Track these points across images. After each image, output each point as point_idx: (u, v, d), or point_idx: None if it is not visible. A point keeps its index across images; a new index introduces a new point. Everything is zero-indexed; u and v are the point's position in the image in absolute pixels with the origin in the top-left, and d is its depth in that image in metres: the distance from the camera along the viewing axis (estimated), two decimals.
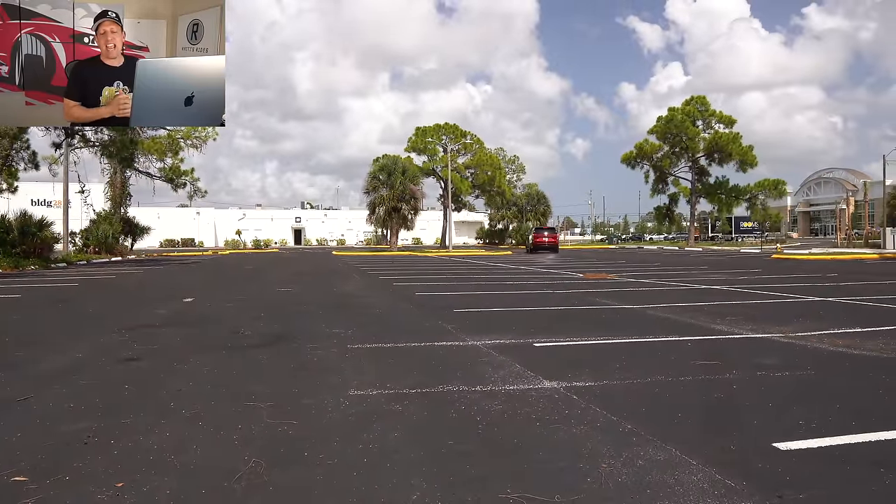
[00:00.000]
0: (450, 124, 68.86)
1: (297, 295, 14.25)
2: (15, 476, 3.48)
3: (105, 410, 4.81)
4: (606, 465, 3.64)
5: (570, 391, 5.31)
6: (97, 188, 46.96)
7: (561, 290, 14.90)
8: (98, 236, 40.09)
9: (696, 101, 63.75)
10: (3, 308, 12.32)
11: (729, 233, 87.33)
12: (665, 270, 22.83)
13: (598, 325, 9.29)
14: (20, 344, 7.85)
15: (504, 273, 22.07)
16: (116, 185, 46.40)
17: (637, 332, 8.47)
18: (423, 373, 6.04)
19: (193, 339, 8.11)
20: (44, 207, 48.95)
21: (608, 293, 13.99)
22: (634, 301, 12.24)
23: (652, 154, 65.23)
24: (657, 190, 67.06)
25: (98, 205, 44.01)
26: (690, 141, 62.39)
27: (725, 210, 69.31)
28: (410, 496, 3.22)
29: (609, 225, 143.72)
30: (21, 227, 29.53)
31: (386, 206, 53.14)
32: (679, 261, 31.36)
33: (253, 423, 4.44)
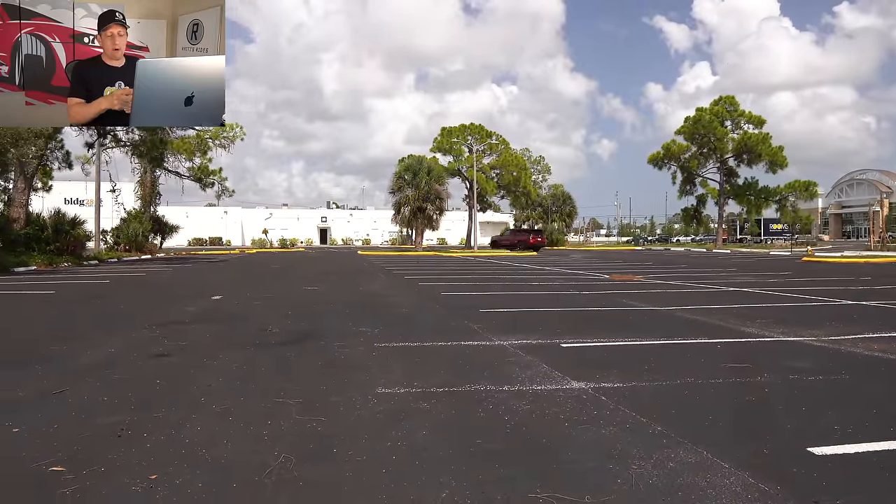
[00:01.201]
0: (475, 125, 68.78)
1: (324, 294, 14.34)
2: (53, 466, 3.55)
3: (138, 404, 4.88)
4: (636, 466, 3.61)
5: (599, 392, 5.27)
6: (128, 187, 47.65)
7: (587, 291, 14.81)
8: (128, 234, 40.68)
9: (724, 102, 62.95)
10: (39, 304, 12.57)
11: (758, 235, 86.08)
12: (692, 272, 22.58)
13: (626, 326, 9.21)
14: (55, 339, 7.99)
15: (529, 274, 22.00)
16: (146, 184, 47.06)
17: (665, 333, 8.39)
18: (450, 372, 6.04)
19: (222, 336, 8.19)
20: (76, 206, 49.90)
21: (635, 294, 13.88)
22: (662, 303, 12.12)
23: (679, 155, 64.55)
24: (684, 191, 66.33)
25: (128, 203, 44.67)
26: (719, 141, 61.61)
27: (754, 212, 68.33)
28: (440, 494, 3.23)
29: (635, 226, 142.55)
30: (55, 225, 30.09)
31: (411, 206, 53.20)
32: (707, 263, 30.99)
33: (282, 420, 4.48)
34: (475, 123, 68.78)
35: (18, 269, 23.37)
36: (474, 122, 68.86)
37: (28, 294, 14.54)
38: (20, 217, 29.55)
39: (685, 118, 63.82)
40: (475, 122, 68.92)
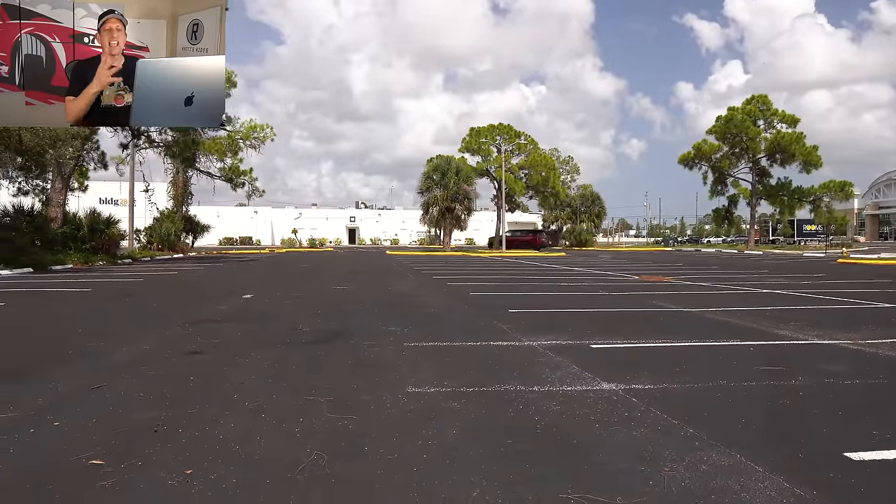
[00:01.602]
0: (504, 125, 68.65)
1: (353, 293, 14.43)
2: (92, 460, 3.64)
3: (172, 400, 4.97)
4: (668, 468, 3.58)
5: (629, 393, 5.24)
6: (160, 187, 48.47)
7: (616, 292, 14.70)
8: (161, 234, 41.36)
9: (757, 100, 61.96)
10: (76, 301, 12.84)
11: (791, 236, 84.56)
12: (724, 274, 22.28)
13: (656, 327, 9.12)
14: (92, 335, 8.17)
15: (558, 274, 21.89)
16: (179, 184, 47.80)
17: (696, 335, 8.30)
18: (480, 372, 6.05)
19: (254, 335, 8.30)
20: (111, 206, 50.85)
21: (665, 296, 13.74)
22: (692, 304, 11.99)
23: (710, 154, 63.70)
24: (716, 191, 65.46)
25: (161, 203, 45.43)
26: (751, 141, 60.67)
27: (787, 212, 67.13)
28: (470, 493, 3.24)
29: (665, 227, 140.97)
30: (91, 225, 30.74)
31: (439, 206, 53.31)
32: (738, 264, 30.56)
33: (314, 417, 4.52)
34: (504, 123, 68.67)
35: (56, 267, 23.91)
36: (503, 122, 68.76)
37: (66, 292, 14.86)
38: (57, 216, 30.21)
39: (716, 117, 63.01)
40: (504, 122, 68.82)
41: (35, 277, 19.71)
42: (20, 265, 21.95)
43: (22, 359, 6.69)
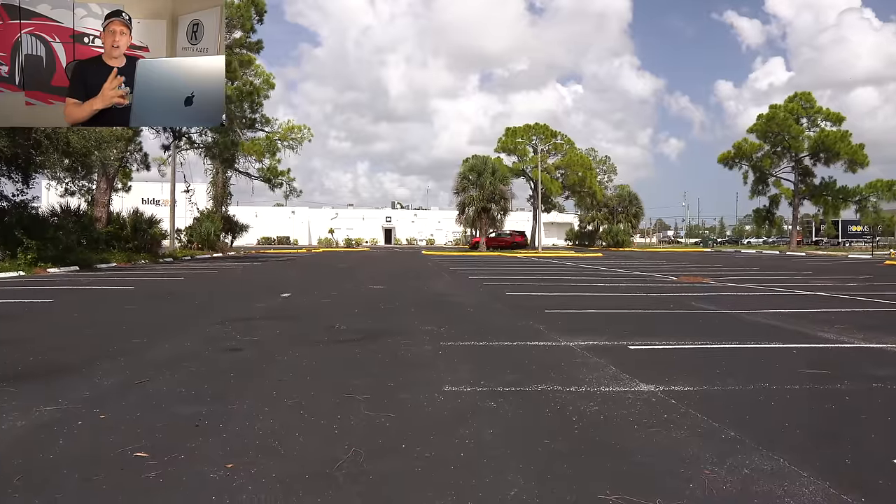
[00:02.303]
0: (540, 124, 68.37)
1: (389, 292, 14.51)
2: (137, 452, 3.72)
3: (213, 396, 5.06)
4: (709, 471, 3.53)
5: (668, 395, 5.17)
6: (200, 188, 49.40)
7: (654, 293, 14.52)
8: (201, 233, 42.11)
9: (800, 98, 60.60)
10: (121, 299, 13.15)
11: (835, 237, 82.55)
12: (765, 275, 21.84)
13: (695, 329, 8.99)
14: (136, 332, 8.35)
15: (595, 275, 21.71)
16: (218, 184, 48.64)
17: (737, 337, 8.16)
18: (517, 372, 6.03)
19: (292, 333, 8.40)
20: (153, 206, 51.99)
21: (704, 297, 13.52)
22: (733, 306, 11.78)
23: (751, 154, 62.51)
24: (756, 191, 64.19)
25: (201, 203, 46.30)
26: (794, 140, 59.37)
27: (831, 213, 65.46)
28: (508, 492, 3.23)
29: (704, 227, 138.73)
30: (133, 224, 31.48)
31: (475, 206, 53.28)
32: (780, 265, 29.92)
33: (351, 414, 4.56)
34: (540, 123, 68.43)
35: (101, 266, 24.53)
36: (539, 122, 68.55)
37: (110, 289, 15.22)
38: (102, 216, 30.98)
39: (758, 116, 61.82)
40: (540, 122, 68.61)
41: (81, 275, 20.24)
42: (67, 263, 22.57)
43: (70, 354, 6.88)
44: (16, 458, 3.65)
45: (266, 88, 41.65)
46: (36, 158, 22.70)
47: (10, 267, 20.05)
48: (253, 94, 38.48)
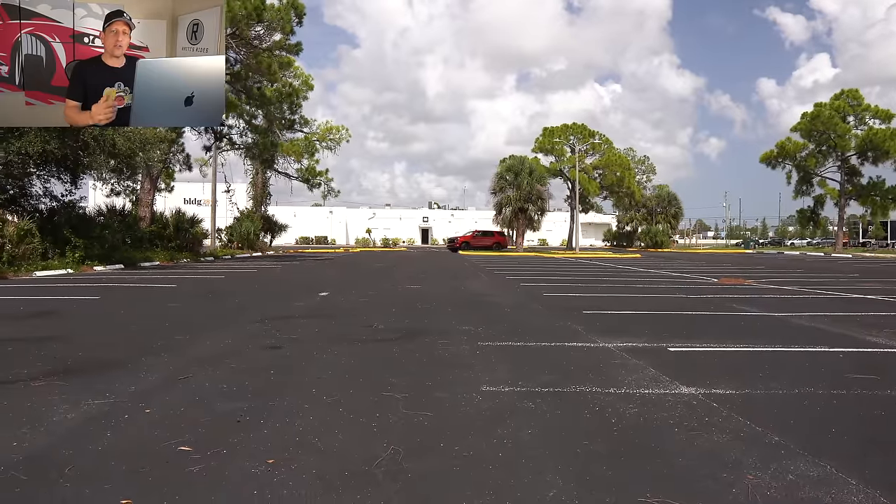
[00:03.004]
0: (578, 124, 67.82)
1: (426, 292, 14.55)
2: (181, 446, 3.81)
3: (254, 392, 5.14)
4: (752, 476, 3.46)
5: (710, 398, 5.09)
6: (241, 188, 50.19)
7: (694, 295, 14.29)
8: (241, 233, 42.81)
9: (846, 95, 58.92)
10: (164, 296, 13.44)
11: (884, 238, 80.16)
12: (809, 277, 21.33)
13: (737, 331, 8.83)
14: (178, 329, 8.53)
15: (632, 276, 21.46)
16: (258, 184, 49.37)
17: (780, 340, 7.99)
18: (555, 372, 6.00)
19: (330, 331, 8.48)
20: (194, 206, 52.94)
21: (746, 299, 13.27)
22: (776, 308, 11.53)
23: (795, 153, 61.00)
24: (800, 191, 62.59)
25: (241, 203, 47.05)
26: (840, 138, 57.75)
27: (880, 213, 63.49)
28: (546, 493, 3.22)
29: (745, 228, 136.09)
30: (176, 224, 32.16)
31: (512, 206, 53.05)
32: (825, 267, 29.19)
33: (390, 413, 4.59)
34: (577, 123, 67.89)
35: (144, 264, 25.09)
36: (576, 122, 68.01)
37: (154, 287, 15.57)
38: (146, 216, 31.68)
39: (802, 114, 60.24)
40: (577, 122, 68.03)
41: (126, 273, 20.74)
42: (112, 261, 23.14)
43: (116, 350, 7.05)
44: (67, 449, 3.76)
45: (305, 90, 42.13)
46: (84, 160, 23.31)
47: (59, 265, 20.64)
48: (292, 96, 38.94)
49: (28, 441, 3.91)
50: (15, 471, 3.42)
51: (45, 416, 4.43)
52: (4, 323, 9.06)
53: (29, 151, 20.59)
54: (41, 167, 23.12)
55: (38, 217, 22.75)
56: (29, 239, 20.16)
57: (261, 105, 35.89)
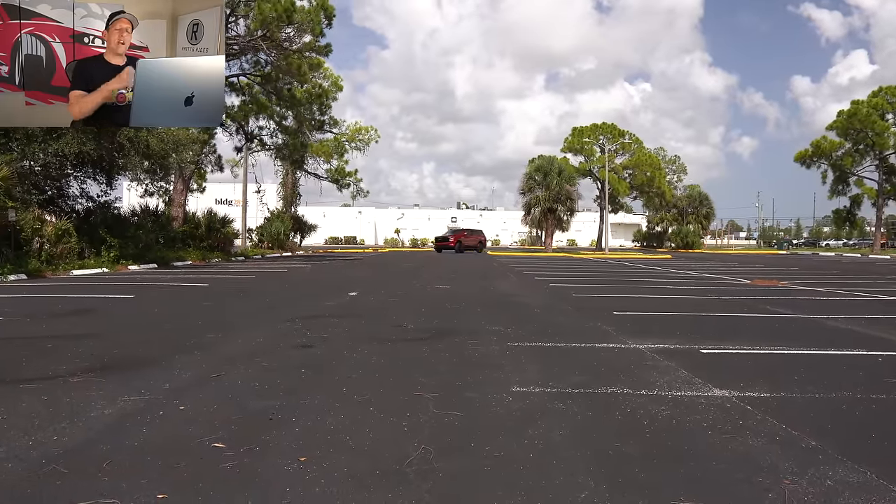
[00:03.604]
0: (607, 124, 67.30)
1: (455, 292, 14.55)
2: (215, 443, 3.86)
3: (285, 391, 5.19)
4: (789, 481, 3.40)
5: (744, 401, 5.01)
6: (271, 188, 50.80)
7: (726, 297, 14.09)
8: (271, 233, 43.26)
9: (885, 92, 57.52)
10: (196, 295, 13.64)
11: None
12: (845, 279, 20.89)
13: (771, 333, 8.68)
14: (211, 327, 8.64)
15: (664, 277, 21.23)
16: (288, 185, 49.89)
17: (816, 343, 7.84)
18: (585, 373, 5.96)
19: (360, 330, 8.52)
20: (226, 206, 53.68)
21: (780, 301, 13.04)
22: (811, 310, 11.31)
23: (831, 152, 59.78)
24: (836, 191, 61.31)
25: (271, 203, 47.57)
26: (878, 137, 56.41)
27: None
28: (578, 494, 3.19)
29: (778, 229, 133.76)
30: (208, 224, 32.63)
31: (541, 206, 52.82)
32: (862, 269, 28.55)
33: (420, 412, 4.60)
34: (607, 123, 67.37)
35: (177, 263, 25.49)
36: (606, 122, 67.50)
37: (186, 286, 15.80)
38: (179, 216, 32.17)
39: (838, 112, 58.99)
40: (607, 122, 67.51)
41: (159, 272, 21.09)
42: (146, 261, 23.55)
43: (151, 347, 7.17)
44: (104, 444, 3.84)
45: (334, 91, 42.42)
46: (119, 161, 23.78)
47: (94, 264, 21.06)
48: (322, 97, 39.25)
49: (68, 435, 4.00)
50: (56, 464, 3.50)
51: (84, 411, 4.52)
52: (44, 320, 9.27)
53: (66, 153, 21.05)
54: (78, 168, 23.64)
55: (75, 217, 23.25)
56: (66, 238, 20.60)
57: (291, 106, 36.23)
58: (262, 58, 32.97)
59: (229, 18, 30.80)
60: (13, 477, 3.33)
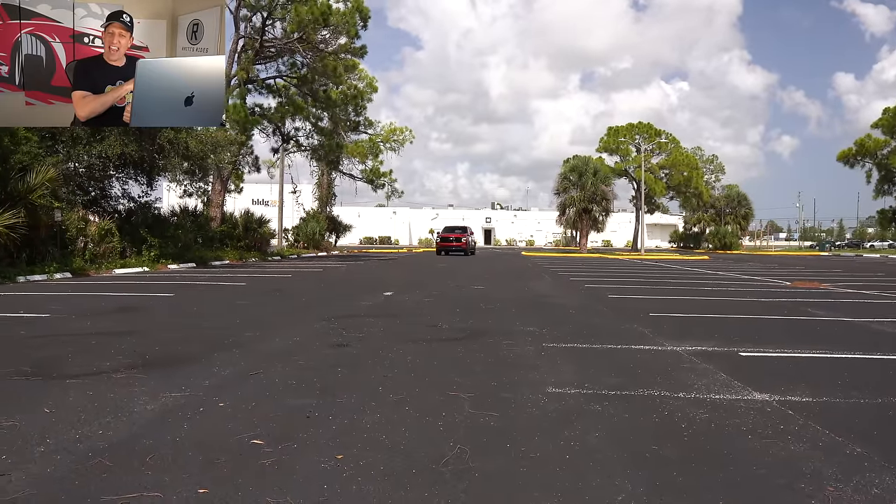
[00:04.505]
0: (643, 123, 66.60)
1: (490, 293, 14.53)
2: (253, 440, 3.92)
3: (322, 389, 5.24)
4: (833, 488, 3.32)
5: (785, 405, 4.92)
6: (306, 189, 51.39)
7: (766, 299, 13.83)
8: (307, 233, 43.72)
9: None
10: (234, 294, 13.85)
11: None
12: (891, 282, 20.33)
13: (813, 337, 8.50)
14: (248, 326, 8.77)
15: (701, 278, 20.92)
16: (323, 185, 50.38)
17: (860, 347, 7.64)
18: (622, 375, 5.90)
19: (395, 330, 8.57)
20: (262, 206, 54.35)
21: (822, 304, 12.75)
22: (855, 314, 11.04)
23: (876, 151, 58.17)
24: (881, 191, 59.61)
25: (307, 204, 48.10)
26: None
27: None
28: (615, 497, 3.17)
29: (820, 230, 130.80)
30: (245, 224, 33.12)
31: (576, 207, 52.46)
32: None
33: (455, 412, 4.60)
34: (643, 122, 66.73)
35: (215, 263, 25.92)
36: (642, 121, 66.83)
37: (224, 285, 16.06)
38: (217, 216, 32.68)
39: (883, 110, 57.38)
40: (643, 121, 66.80)
41: (198, 272, 21.47)
42: (185, 260, 24.00)
43: (191, 345, 7.31)
44: (147, 438, 3.93)
45: (369, 92, 42.71)
46: (159, 162, 24.26)
47: (136, 263, 21.53)
48: (357, 98, 39.56)
49: (112, 430, 4.10)
50: (101, 457, 3.59)
51: (127, 406, 4.63)
52: (89, 318, 9.51)
53: (109, 154, 21.55)
54: (120, 169, 24.19)
55: (117, 217, 23.78)
56: (109, 238, 21.10)
57: (326, 107, 36.61)
58: (299, 60, 33.40)
59: (266, 21, 31.26)
60: (62, 469, 3.43)
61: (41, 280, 16.43)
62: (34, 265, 17.38)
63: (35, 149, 18.31)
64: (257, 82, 33.91)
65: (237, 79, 31.10)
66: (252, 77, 32.40)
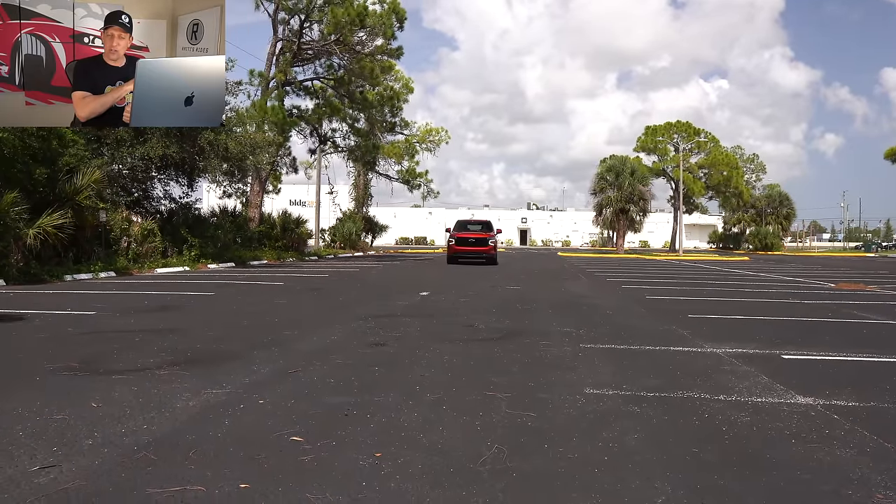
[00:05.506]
0: (682, 122, 65.60)
1: (526, 293, 14.48)
2: (293, 437, 3.97)
3: (360, 388, 5.29)
4: (882, 495, 3.24)
5: (829, 410, 4.80)
6: (343, 189, 51.75)
7: (809, 301, 13.52)
8: (343, 233, 44.10)
9: None
10: (272, 293, 14.05)
11: None
12: None
13: (859, 340, 8.28)
14: (287, 324, 8.88)
15: (741, 279, 20.54)
16: (360, 186, 50.75)
17: None
18: (660, 377, 5.83)
19: (432, 330, 8.59)
20: (299, 207, 55.03)
21: (868, 306, 12.42)
22: None
23: None
24: None
25: (344, 204, 48.50)
26: None
27: None
28: (655, 499, 3.13)
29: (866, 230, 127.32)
30: (282, 224, 33.57)
31: (613, 207, 51.98)
32: None
33: (493, 412, 4.60)
34: (681, 121, 65.71)
35: (253, 263, 26.31)
36: (680, 120, 65.81)
37: (263, 285, 16.29)
38: (255, 217, 33.16)
39: None
40: (681, 120, 65.81)
41: (237, 271, 21.81)
42: (224, 260, 24.41)
43: (231, 343, 7.44)
44: (190, 434, 4.01)
45: (405, 93, 42.96)
46: (199, 163, 24.69)
47: (177, 262, 21.96)
48: (393, 99, 39.80)
49: (156, 425, 4.19)
50: (146, 451, 3.68)
51: (170, 402, 4.73)
52: (132, 316, 9.73)
53: (151, 156, 22.01)
54: (162, 171, 24.69)
55: (159, 218, 24.27)
56: (151, 238, 21.56)
57: (363, 108, 36.88)
58: (336, 62, 33.72)
59: (304, 24, 31.62)
60: (109, 462, 3.52)
61: (87, 279, 16.87)
62: (80, 264, 17.84)
63: (81, 151, 18.80)
64: (295, 84, 34.34)
65: (275, 81, 31.55)
66: (290, 79, 32.82)
